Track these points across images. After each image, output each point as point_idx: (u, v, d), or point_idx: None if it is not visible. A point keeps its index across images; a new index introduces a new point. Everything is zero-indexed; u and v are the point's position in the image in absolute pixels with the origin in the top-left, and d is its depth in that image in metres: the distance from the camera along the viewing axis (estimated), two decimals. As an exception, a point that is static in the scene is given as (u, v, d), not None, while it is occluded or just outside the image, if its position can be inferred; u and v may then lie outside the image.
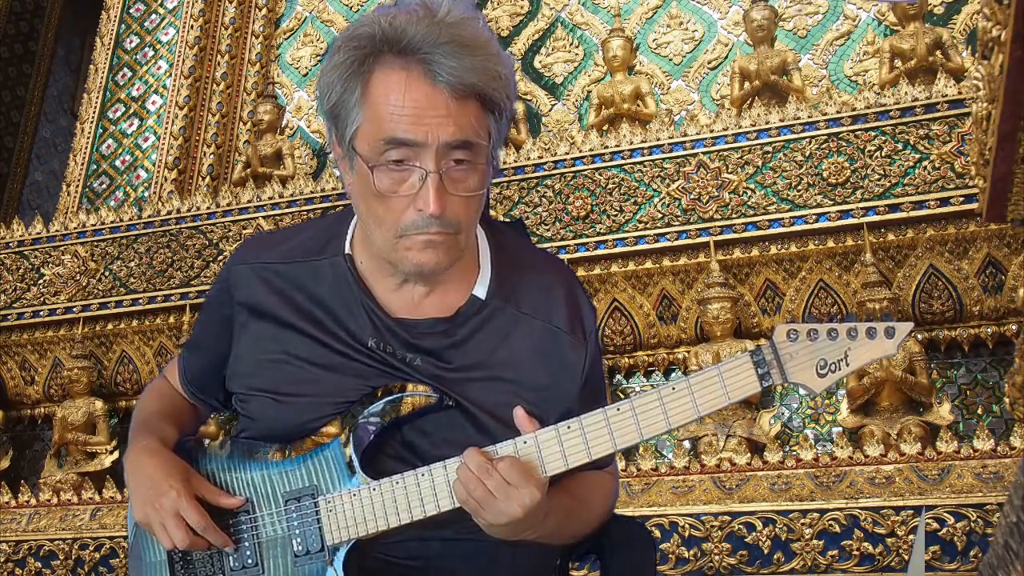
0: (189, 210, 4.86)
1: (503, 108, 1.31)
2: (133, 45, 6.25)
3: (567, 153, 4.19)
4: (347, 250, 1.41)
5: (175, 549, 1.40)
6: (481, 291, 1.39)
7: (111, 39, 6.29)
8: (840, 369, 1.24)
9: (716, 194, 3.89)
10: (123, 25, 6.33)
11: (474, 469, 1.24)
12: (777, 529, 3.08)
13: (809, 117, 3.87)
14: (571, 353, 1.39)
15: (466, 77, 1.24)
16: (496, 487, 1.23)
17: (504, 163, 4.22)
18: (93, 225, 5.04)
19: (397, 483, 1.30)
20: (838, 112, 3.83)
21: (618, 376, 4.08)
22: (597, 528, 1.46)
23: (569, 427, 1.27)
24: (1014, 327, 3.53)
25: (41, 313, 4.95)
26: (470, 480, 1.24)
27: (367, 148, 1.27)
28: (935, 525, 2.92)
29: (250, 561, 1.36)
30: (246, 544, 1.37)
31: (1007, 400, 3.33)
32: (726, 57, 5.10)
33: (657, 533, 3.17)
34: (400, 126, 1.24)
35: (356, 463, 1.33)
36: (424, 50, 1.24)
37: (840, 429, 3.58)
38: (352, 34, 1.29)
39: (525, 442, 1.27)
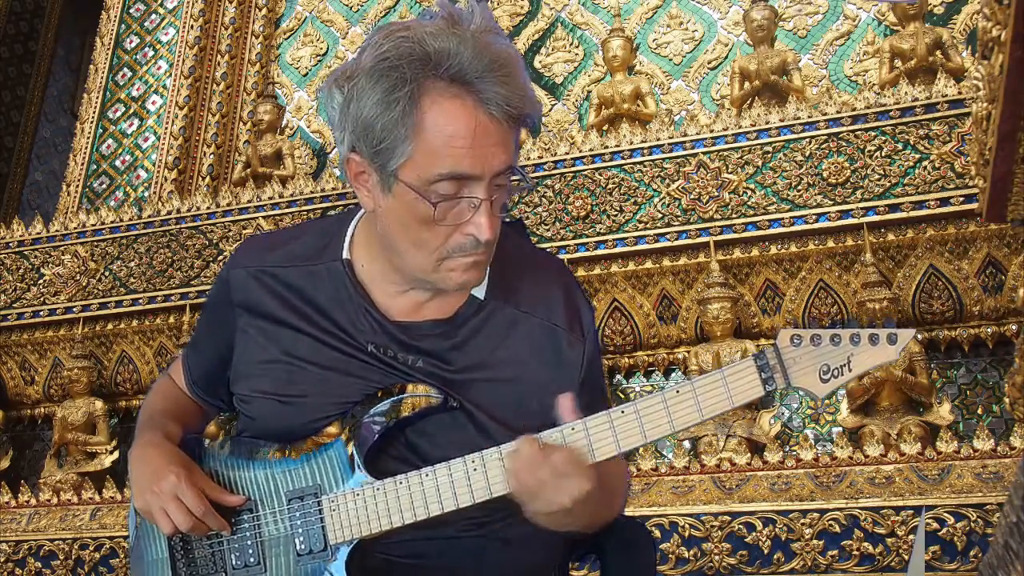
0: (189, 210, 4.86)
1: (536, 124, 1.32)
2: (133, 45, 6.25)
3: (567, 153, 4.19)
4: (345, 254, 1.41)
5: (176, 544, 1.40)
6: (480, 291, 1.40)
7: (111, 39, 6.29)
8: (843, 375, 1.25)
9: (716, 194, 3.90)
10: (123, 25, 6.33)
11: (527, 458, 1.24)
12: (777, 529, 3.08)
13: (809, 117, 3.87)
14: (569, 350, 1.39)
15: (515, 105, 1.25)
16: (549, 477, 1.23)
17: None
18: (93, 225, 5.04)
19: (400, 483, 1.30)
20: (838, 112, 3.83)
21: (618, 376, 4.08)
22: (617, 515, 1.47)
23: (573, 428, 1.28)
24: (1014, 327, 3.53)
25: (41, 313, 4.95)
26: (522, 470, 1.24)
27: (416, 179, 1.25)
28: (935, 525, 2.92)
29: (252, 559, 1.36)
30: (249, 543, 1.37)
31: (1007, 400, 3.33)
32: (726, 57, 5.10)
33: (657, 533, 3.17)
34: (458, 161, 1.23)
35: (359, 463, 1.33)
36: (475, 77, 1.23)
37: (840, 429, 3.58)
38: (392, 52, 1.24)
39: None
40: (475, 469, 1.28)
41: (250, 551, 1.36)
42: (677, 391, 1.27)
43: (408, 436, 1.35)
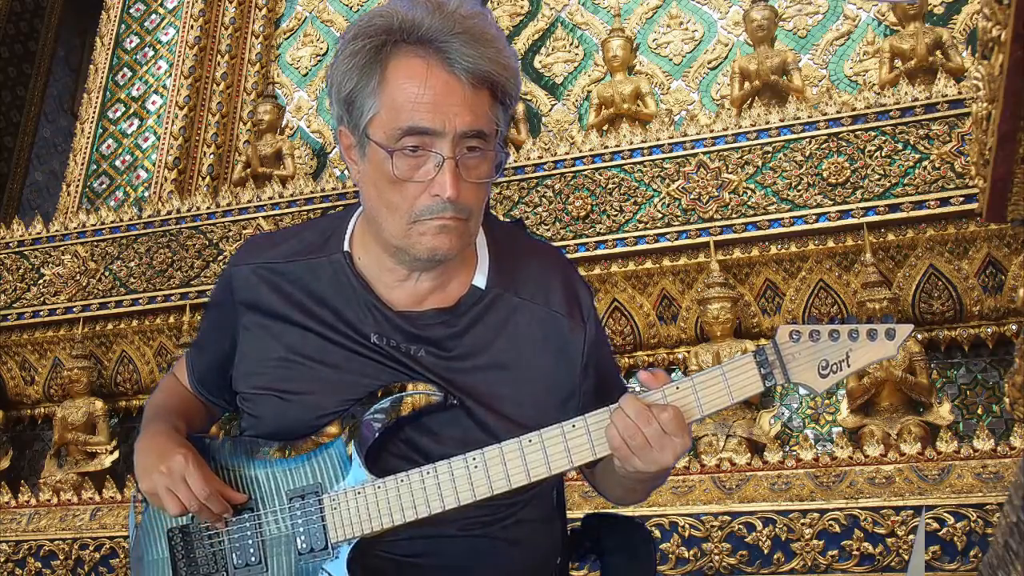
0: (189, 210, 4.86)
1: (512, 100, 1.34)
2: (133, 45, 6.25)
3: (567, 153, 4.19)
4: (346, 247, 1.42)
5: (177, 543, 1.40)
6: (481, 280, 1.40)
7: (111, 39, 6.30)
8: (841, 370, 1.26)
9: (716, 194, 3.90)
10: (123, 25, 6.33)
11: (633, 416, 1.24)
12: (777, 529, 3.08)
13: (809, 117, 3.87)
14: (570, 336, 1.40)
15: (482, 66, 1.27)
16: (654, 435, 1.24)
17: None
18: (93, 225, 5.04)
19: (401, 481, 1.30)
20: (838, 112, 3.84)
21: (618, 376, 4.07)
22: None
23: (678, 388, 1.28)
24: (1014, 327, 3.53)
25: (41, 313, 4.95)
26: (628, 427, 1.24)
27: (383, 135, 1.28)
28: (935, 525, 2.92)
29: (253, 558, 1.36)
30: (249, 541, 1.37)
31: (1007, 400, 3.33)
32: (726, 57, 5.10)
33: (657, 533, 3.17)
34: (418, 115, 1.26)
35: (360, 461, 1.33)
36: (440, 39, 1.27)
37: (840, 429, 3.59)
38: (366, 24, 1.31)
39: (678, 388, 1.27)
40: (476, 466, 1.28)
41: (251, 550, 1.36)
42: (677, 387, 1.28)
43: (409, 433, 1.35)
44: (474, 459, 1.29)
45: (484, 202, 1.36)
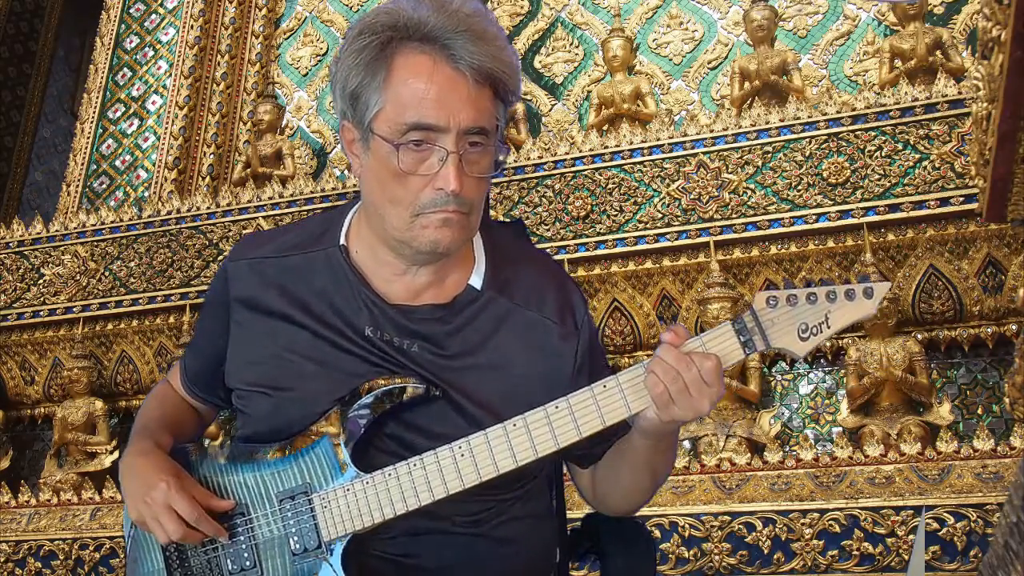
0: (189, 210, 4.86)
1: (513, 97, 1.36)
2: (133, 45, 6.25)
3: (567, 153, 4.19)
4: (342, 241, 1.43)
5: (172, 553, 1.40)
6: (477, 281, 1.41)
7: (111, 39, 6.30)
8: (822, 332, 1.26)
9: (716, 194, 3.90)
10: (123, 25, 6.33)
11: (672, 362, 1.24)
12: (777, 529, 3.08)
13: (809, 117, 3.87)
14: (561, 343, 1.40)
15: (485, 63, 1.29)
16: (693, 382, 1.24)
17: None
18: (93, 225, 5.04)
19: (389, 475, 1.31)
20: (838, 112, 3.83)
21: (618, 376, 4.07)
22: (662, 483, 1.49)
23: (557, 407, 1.28)
24: (1014, 327, 3.53)
25: (41, 313, 4.95)
26: (668, 372, 1.24)
27: (388, 130, 1.30)
28: (935, 525, 2.92)
29: (248, 563, 1.36)
30: (243, 546, 1.37)
31: (1007, 400, 3.33)
32: (726, 57, 5.10)
33: (657, 533, 3.17)
34: (424, 110, 1.28)
35: (347, 458, 1.33)
36: (445, 37, 1.29)
37: (840, 429, 3.59)
38: (371, 21, 1.33)
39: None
40: (463, 455, 1.29)
41: (245, 555, 1.36)
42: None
43: (398, 430, 1.35)
44: (459, 447, 1.29)
45: (484, 197, 1.38)
